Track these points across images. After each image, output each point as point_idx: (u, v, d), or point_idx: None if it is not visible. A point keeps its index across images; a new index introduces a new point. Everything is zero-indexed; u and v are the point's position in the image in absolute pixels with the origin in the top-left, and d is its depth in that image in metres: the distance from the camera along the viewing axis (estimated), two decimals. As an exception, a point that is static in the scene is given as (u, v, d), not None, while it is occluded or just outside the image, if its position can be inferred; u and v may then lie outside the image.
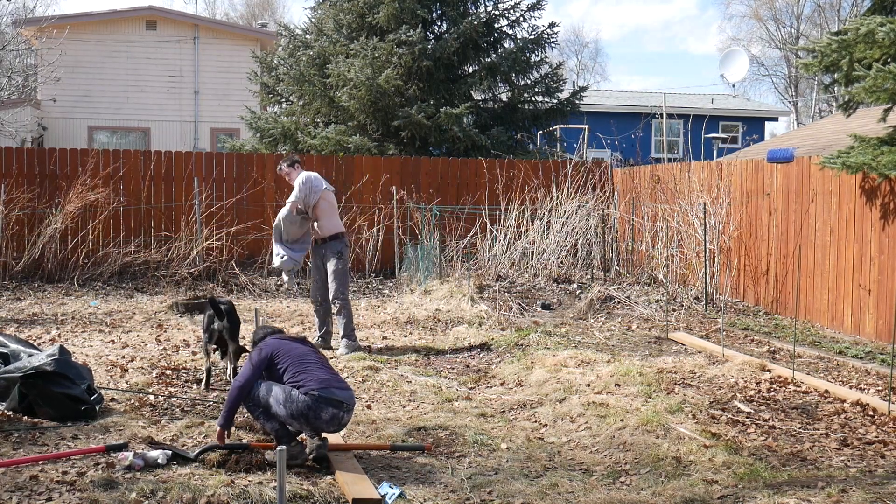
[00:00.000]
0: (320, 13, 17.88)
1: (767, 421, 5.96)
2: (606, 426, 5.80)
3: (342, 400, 5.03)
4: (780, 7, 44.20)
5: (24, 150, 13.69)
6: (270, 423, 5.06)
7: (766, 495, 4.54)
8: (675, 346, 8.80)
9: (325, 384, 5.02)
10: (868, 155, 8.74)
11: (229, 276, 12.63)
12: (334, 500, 4.55)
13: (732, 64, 21.73)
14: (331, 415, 4.98)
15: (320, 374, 5.09)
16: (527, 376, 7.24)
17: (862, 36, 8.53)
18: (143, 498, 4.42)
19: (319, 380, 5.03)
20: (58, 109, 22.35)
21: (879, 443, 5.52)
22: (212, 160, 13.99)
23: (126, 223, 13.32)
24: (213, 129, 23.90)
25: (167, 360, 7.75)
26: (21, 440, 5.34)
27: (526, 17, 17.45)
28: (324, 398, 4.96)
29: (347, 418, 5.11)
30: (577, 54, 59.49)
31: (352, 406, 5.13)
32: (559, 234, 12.82)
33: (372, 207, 13.92)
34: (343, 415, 5.05)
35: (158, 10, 24.39)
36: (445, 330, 9.46)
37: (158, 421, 5.84)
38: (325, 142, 15.70)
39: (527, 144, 17.73)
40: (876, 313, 9.05)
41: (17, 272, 12.34)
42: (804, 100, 43.62)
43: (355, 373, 7.33)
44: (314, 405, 4.93)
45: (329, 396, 4.98)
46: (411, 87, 16.11)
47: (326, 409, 4.96)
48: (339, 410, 5.02)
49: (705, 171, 12.18)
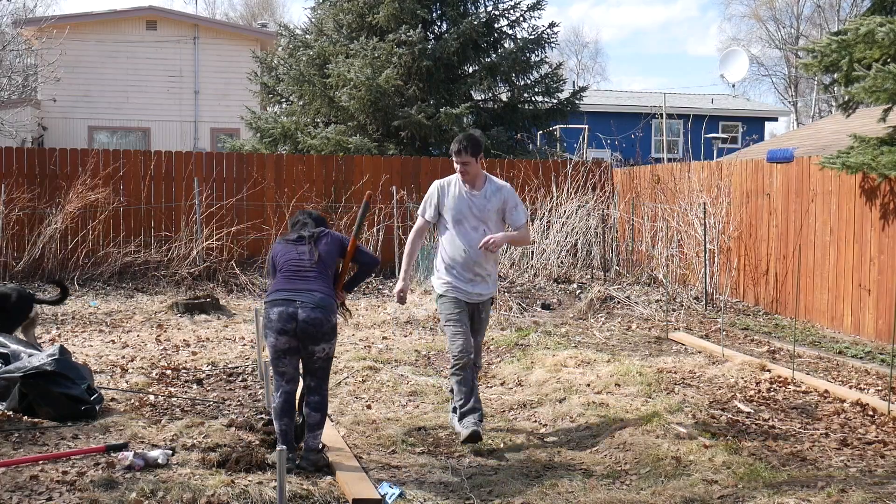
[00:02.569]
0: (320, 13, 17.89)
1: (767, 421, 5.96)
2: (606, 426, 5.81)
3: (287, 298, 4.90)
4: (779, 7, 44.23)
5: (25, 150, 13.69)
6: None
7: (766, 495, 4.54)
8: (675, 346, 8.80)
9: (276, 287, 5.04)
10: (868, 155, 8.75)
11: (229, 276, 12.63)
12: (334, 500, 4.55)
13: (732, 64, 21.74)
14: (277, 314, 4.89)
15: (279, 283, 5.05)
16: (527, 376, 7.24)
17: (862, 36, 8.53)
18: (143, 498, 4.42)
19: (274, 290, 5.03)
20: (58, 109, 22.35)
21: (879, 443, 5.53)
22: (212, 160, 13.99)
23: (126, 223, 13.32)
24: (213, 129, 23.90)
25: (167, 360, 7.75)
26: (21, 440, 5.34)
27: (526, 17, 17.46)
28: (269, 301, 4.99)
29: (305, 314, 4.86)
30: (577, 54, 59.55)
31: (309, 302, 4.89)
32: (559, 234, 12.82)
33: (372, 207, 13.92)
34: (295, 311, 4.85)
35: (158, 10, 24.39)
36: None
37: (158, 421, 5.84)
38: (325, 142, 15.70)
39: (527, 144, 17.72)
40: (876, 313, 9.05)
41: (17, 272, 12.33)
42: (804, 100, 43.62)
43: (355, 373, 7.33)
44: (265, 311, 4.98)
45: (274, 298, 4.96)
46: (411, 87, 16.11)
47: (272, 310, 4.93)
48: (287, 307, 4.88)
49: (705, 171, 12.18)
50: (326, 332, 4.94)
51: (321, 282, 5.04)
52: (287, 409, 5.04)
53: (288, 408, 5.05)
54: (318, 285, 5.01)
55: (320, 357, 4.99)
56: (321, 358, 5.00)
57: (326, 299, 4.99)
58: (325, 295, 5.00)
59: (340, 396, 6.71)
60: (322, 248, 5.13)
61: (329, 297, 5.02)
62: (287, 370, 5.02)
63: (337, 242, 5.22)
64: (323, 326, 4.92)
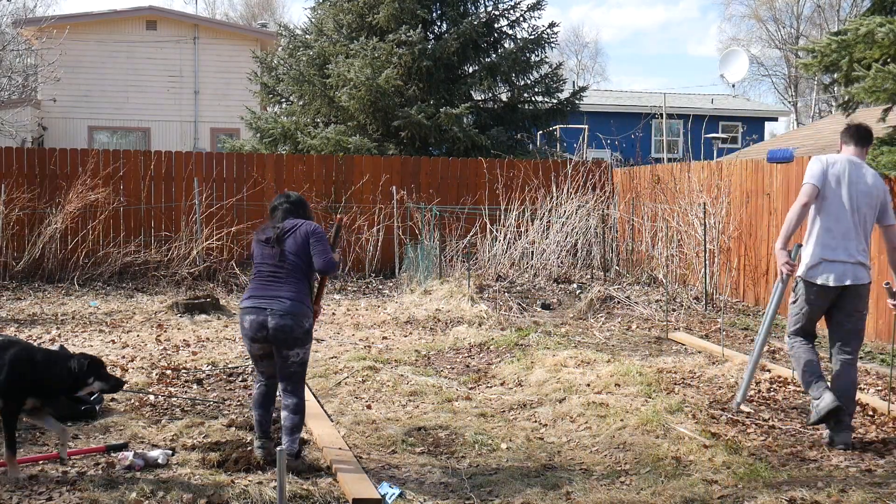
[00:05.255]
0: (320, 13, 17.89)
1: (767, 421, 5.96)
2: (606, 426, 5.81)
3: (258, 306, 4.89)
4: (779, 7, 44.22)
5: (25, 150, 13.69)
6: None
7: (765, 495, 4.54)
8: (675, 346, 8.80)
9: (248, 294, 5.02)
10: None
11: (229, 276, 12.63)
12: (334, 500, 4.55)
13: (732, 64, 21.73)
14: (249, 322, 4.90)
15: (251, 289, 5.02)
16: (527, 376, 7.24)
17: (861, 36, 8.54)
18: (143, 498, 4.42)
19: (247, 297, 5.01)
20: (58, 109, 22.35)
21: (879, 443, 5.53)
22: (212, 160, 13.99)
23: (126, 223, 13.32)
24: (213, 129, 23.91)
25: (167, 360, 7.75)
26: (21, 440, 5.34)
27: (526, 18, 17.47)
28: (242, 308, 4.99)
29: (274, 322, 4.83)
30: (576, 54, 59.55)
31: (278, 310, 4.84)
32: (559, 234, 12.82)
33: (372, 207, 13.93)
34: (265, 319, 4.84)
35: (158, 10, 24.39)
36: (445, 330, 9.46)
37: (158, 421, 5.84)
38: (325, 142, 15.70)
39: (527, 144, 17.73)
40: (875, 313, 9.04)
41: (17, 272, 12.34)
42: (804, 100, 43.63)
43: (355, 373, 7.33)
44: (240, 318, 4.98)
45: (246, 306, 4.96)
46: (411, 87, 16.11)
47: (245, 318, 4.94)
48: (258, 315, 4.87)
49: (705, 171, 12.18)
50: (298, 338, 4.90)
51: (290, 285, 4.93)
52: (263, 401, 5.11)
53: (264, 400, 5.11)
54: (288, 290, 4.91)
55: (294, 361, 4.97)
56: (295, 362, 4.98)
57: (296, 305, 4.90)
58: (295, 301, 4.90)
59: (340, 396, 6.71)
60: (288, 247, 4.96)
61: (299, 303, 4.91)
62: (266, 370, 5.12)
63: (303, 236, 4.97)
64: (293, 332, 4.88)
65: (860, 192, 5.54)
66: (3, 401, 4.65)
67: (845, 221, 5.50)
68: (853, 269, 5.50)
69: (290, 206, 5.12)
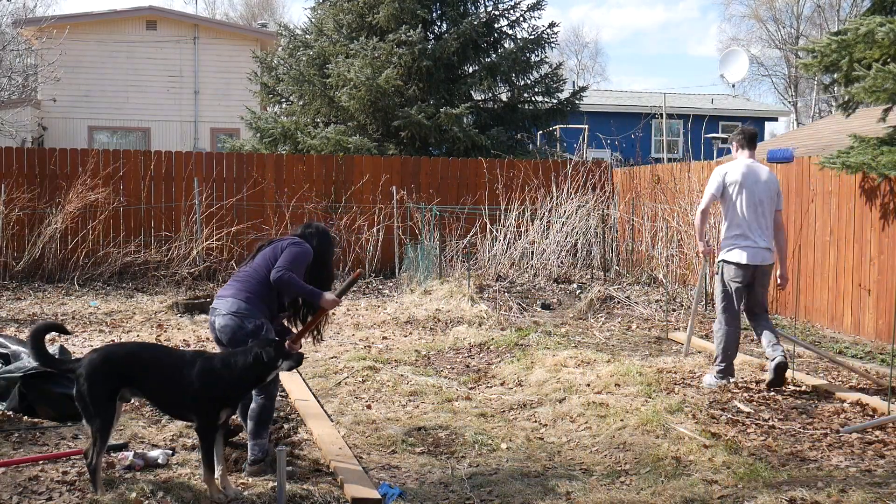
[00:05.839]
0: (320, 13, 17.89)
1: (767, 421, 5.96)
2: (606, 426, 5.80)
3: (212, 307, 5.00)
4: (779, 7, 44.23)
5: (25, 150, 13.69)
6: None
7: (765, 495, 4.54)
8: (675, 346, 8.80)
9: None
10: (868, 155, 8.75)
11: (229, 276, 12.56)
12: (334, 500, 4.55)
13: (732, 64, 21.71)
14: (209, 324, 5.04)
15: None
16: (527, 376, 7.24)
17: (862, 36, 8.54)
18: (143, 498, 4.42)
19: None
20: (58, 109, 22.36)
21: (879, 443, 5.53)
22: (212, 160, 13.99)
23: (126, 223, 13.32)
24: (213, 129, 23.91)
25: (167, 360, 7.74)
26: (21, 440, 5.34)
27: (526, 18, 17.48)
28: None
29: (218, 322, 4.87)
30: (576, 54, 59.62)
31: (222, 310, 4.87)
32: (559, 234, 12.81)
33: (372, 207, 13.93)
34: (213, 319, 4.93)
35: (158, 10, 24.39)
36: (445, 330, 9.46)
37: (158, 421, 5.84)
38: (325, 142, 15.70)
39: (527, 144, 17.73)
40: (875, 313, 9.05)
41: (17, 272, 12.34)
42: (804, 100, 43.63)
43: (355, 373, 7.33)
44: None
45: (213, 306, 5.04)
46: (411, 87, 16.11)
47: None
48: (211, 315, 4.98)
49: (705, 171, 12.17)
50: (240, 339, 4.79)
51: (243, 287, 4.93)
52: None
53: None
54: (237, 291, 4.93)
55: None
56: None
57: (239, 304, 4.86)
58: (239, 300, 4.87)
59: (340, 396, 6.71)
60: (261, 255, 5.09)
61: (243, 302, 4.85)
62: None
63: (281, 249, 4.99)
64: (235, 333, 4.82)
65: (759, 189, 6.83)
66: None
67: (750, 215, 6.81)
68: (761, 252, 6.78)
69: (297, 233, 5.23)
